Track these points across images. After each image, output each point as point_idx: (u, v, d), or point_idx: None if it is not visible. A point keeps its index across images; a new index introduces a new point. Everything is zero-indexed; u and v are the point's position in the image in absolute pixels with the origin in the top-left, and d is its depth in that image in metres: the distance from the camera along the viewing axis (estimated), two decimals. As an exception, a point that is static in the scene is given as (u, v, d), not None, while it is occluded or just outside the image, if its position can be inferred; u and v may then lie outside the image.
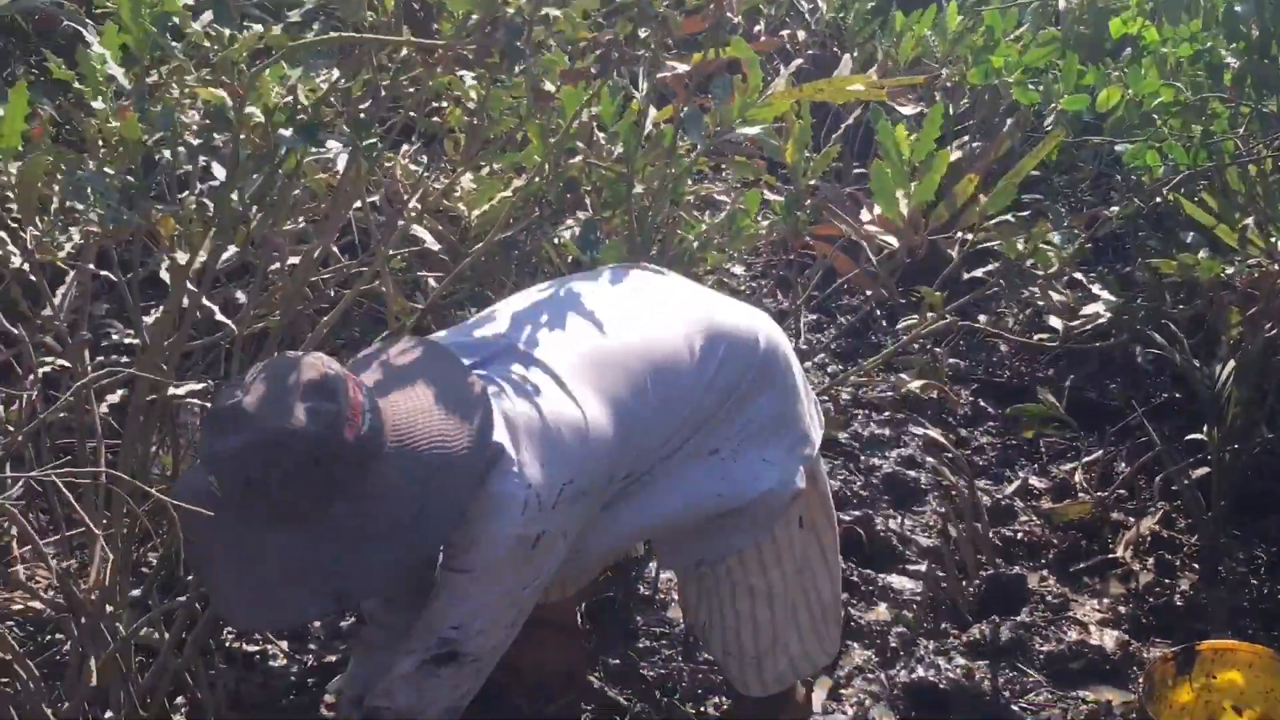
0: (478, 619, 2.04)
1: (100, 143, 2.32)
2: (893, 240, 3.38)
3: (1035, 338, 4.13)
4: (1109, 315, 3.68)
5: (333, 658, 2.95)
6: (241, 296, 2.95)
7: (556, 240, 3.07)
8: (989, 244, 3.43)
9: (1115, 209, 3.94)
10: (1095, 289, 3.74)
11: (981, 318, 4.70)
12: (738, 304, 2.44)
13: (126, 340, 3.32)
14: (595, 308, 2.21)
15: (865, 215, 3.53)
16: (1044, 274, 3.43)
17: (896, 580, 3.47)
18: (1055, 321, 3.76)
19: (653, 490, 2.24)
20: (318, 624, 3.10)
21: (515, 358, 2.11)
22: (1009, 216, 3.38)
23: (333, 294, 3.15)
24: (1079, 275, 3.82)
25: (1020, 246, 3.33)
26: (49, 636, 2.87)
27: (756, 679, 2.51)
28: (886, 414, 4.32)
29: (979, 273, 3.73)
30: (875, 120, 3.41)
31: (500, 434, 1.98)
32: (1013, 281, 3.38)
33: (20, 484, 1.73)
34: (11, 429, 2.39)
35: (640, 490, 2.23)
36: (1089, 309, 3.71)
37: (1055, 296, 3.59)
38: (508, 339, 2.14)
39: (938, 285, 3.33)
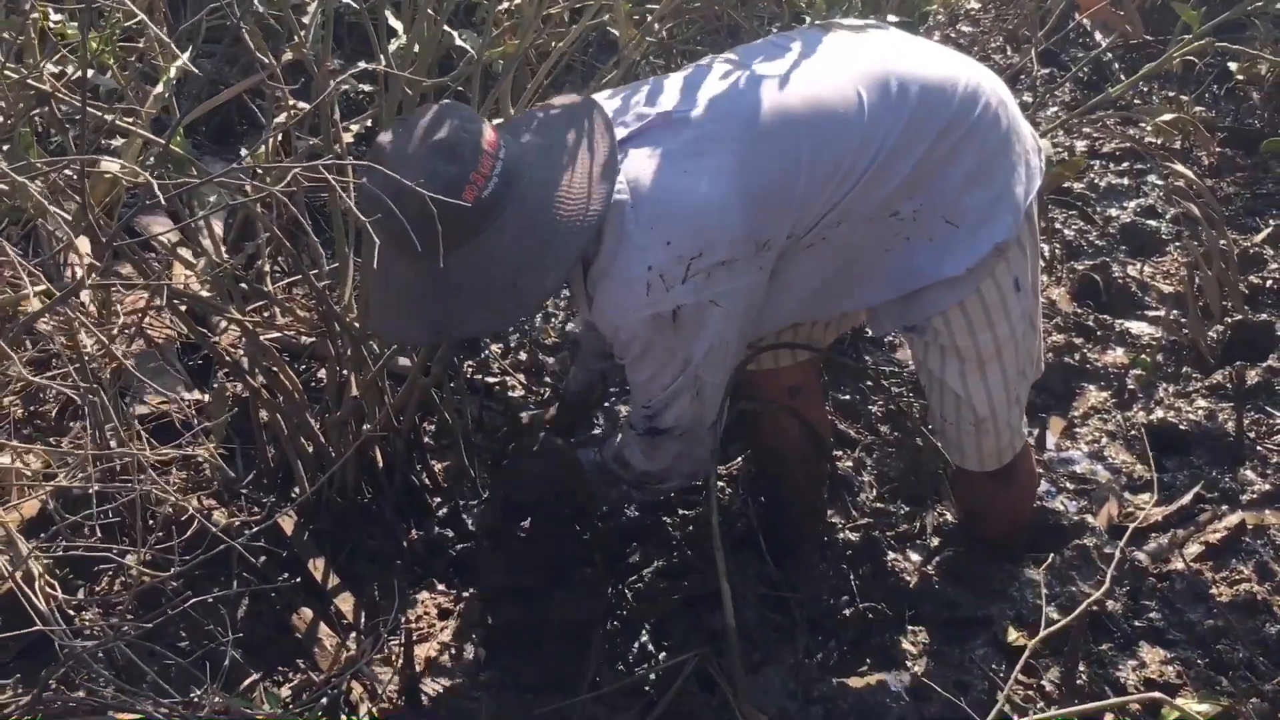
0: (657, 397, 2.20)
1: None
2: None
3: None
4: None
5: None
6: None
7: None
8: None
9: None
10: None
11: (1232, 65, 4.43)
12: (935, 53, 2.24)
13: (366, 87, 3.40)
14: (760, 74, 2.12)
15: (1115, -61, 3.30)
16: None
17: (1135, 325, 3.36)
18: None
19: (821, 255, 2.18)
20: (552, 361, 3.21)
21: (665, 130, 2.08)
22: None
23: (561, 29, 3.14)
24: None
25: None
26: (303, 365, 3.04)
27: (975, 450, 2.42)
28: (1125, 164, 4.13)
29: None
30: None
31: (626, 213, 2.02)
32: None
33: (287, 178, 1.79)
34: (260, 170, 2.48)
35: (810, 256, 2.18)
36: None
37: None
38: (663, 109, 2.10)
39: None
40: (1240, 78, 4.45)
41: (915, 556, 2.64)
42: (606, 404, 3.04)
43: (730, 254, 2.05)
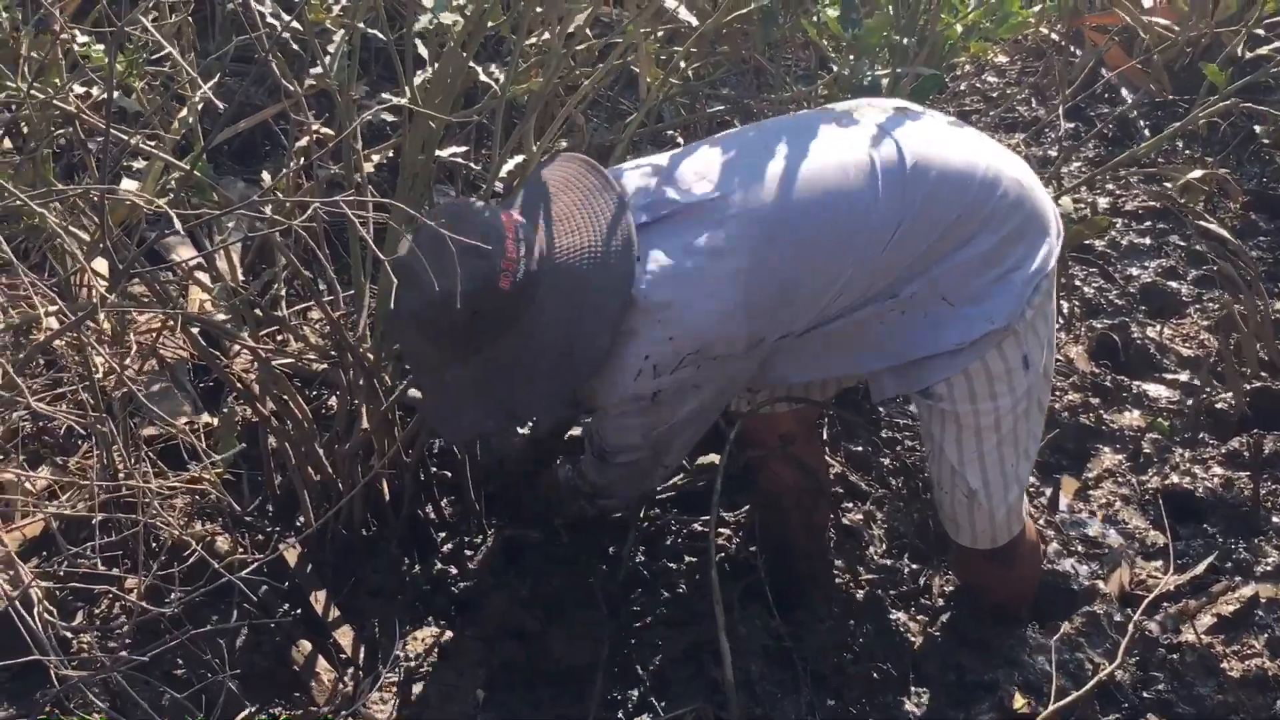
0: (617, 444, 2.31)
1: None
2: (1175, 28, 3.14)
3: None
4: None
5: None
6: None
7: (816, 18, 2.97)
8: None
9: None
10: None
11: (1257, 128, 4.42)
12: (957, 139, 2.22)
13: (387, 117, 3.39)
14: (783, 163, 2.12)
15: (1148, 1, 3.29)
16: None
17: (1152, 388, 3.33)
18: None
19: (814, 338, 2.20)
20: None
21: (686, 220, 2.08)
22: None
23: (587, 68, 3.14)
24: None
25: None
26: (315, 391, 3.02)
27: (968, 525, 2.39)
28: (1147, 223, 4.11)
29: (1263, 50, 3.42)
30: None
31: (638, 301, 2.04)
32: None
33: (307, 212, 1.78)
34: (280, 194, 2.47)
35: (804, 340, 2.20)
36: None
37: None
38: (679, 199, 2.11)
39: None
40: (1265, 141, 4.43)
41: (921, 616, 2.61)
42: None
43: (726, 351, 2.09)
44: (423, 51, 2.65)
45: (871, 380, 2.34)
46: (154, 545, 2.35)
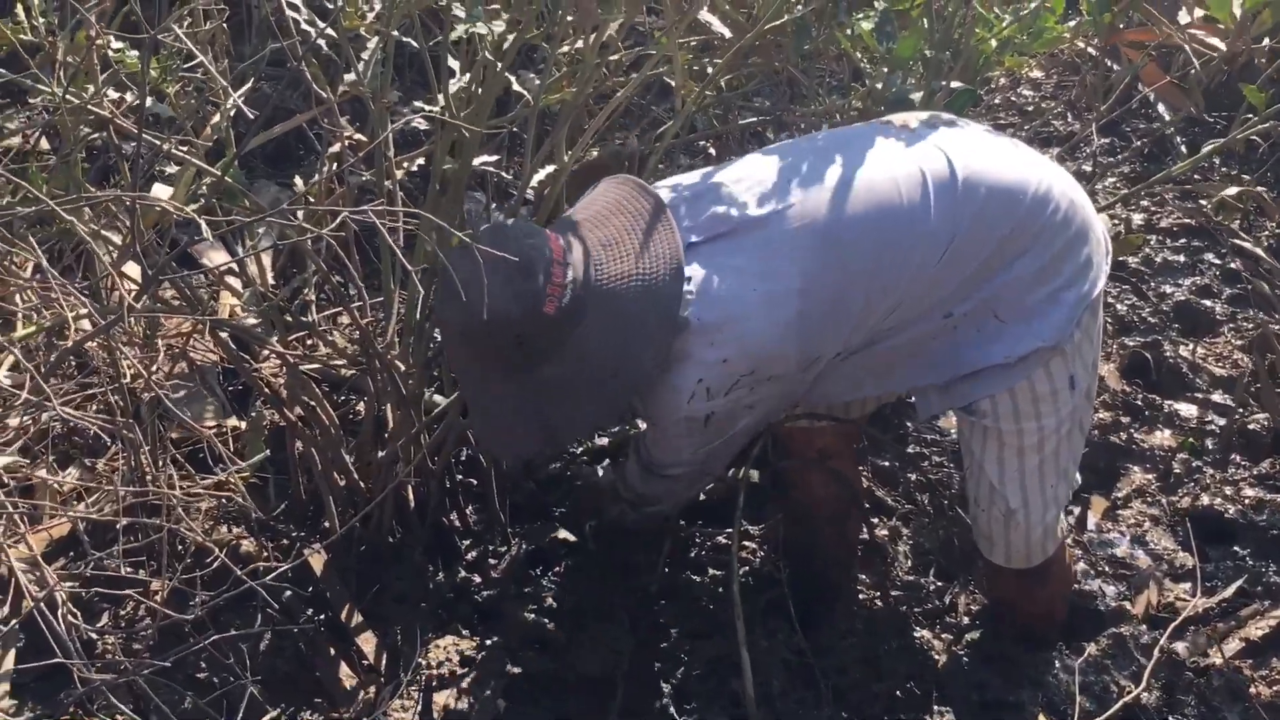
0: (665, 458, 2.31)
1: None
2: (1217, 44, 3.10)
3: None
4: None
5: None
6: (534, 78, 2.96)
7: (851, 31, 2.96)
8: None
9: None
10: None
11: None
12: (1008, 154, 2.23)
13: (420, 124, 3.40)
14: (830, 177, 2.12)
15: (1185, 17, 3.25)
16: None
17: (1184, 408, 3.30)
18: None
19: (866, 355, 2.20)
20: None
21: (736, 239, 2.09)
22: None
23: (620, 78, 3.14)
24: None
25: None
26: (343, 396, 3.03)
27: (1003, 544, 2.37)
28: (1182, 240, 4.07)
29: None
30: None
31: (691, 324, 2.05)
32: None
33: (335, 221, 1.78)
34: (312, 199, 2.48)
35: (859, 358, 2.20)
36: None
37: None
38: (729, 218, 2.11)
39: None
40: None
41: (945, 634, 2.59)
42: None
43: (781, 371, 2.10)
44: (453, 64, 2.65)
45: (917, 398, 2.33)
46: (179, 549, 2.36)
